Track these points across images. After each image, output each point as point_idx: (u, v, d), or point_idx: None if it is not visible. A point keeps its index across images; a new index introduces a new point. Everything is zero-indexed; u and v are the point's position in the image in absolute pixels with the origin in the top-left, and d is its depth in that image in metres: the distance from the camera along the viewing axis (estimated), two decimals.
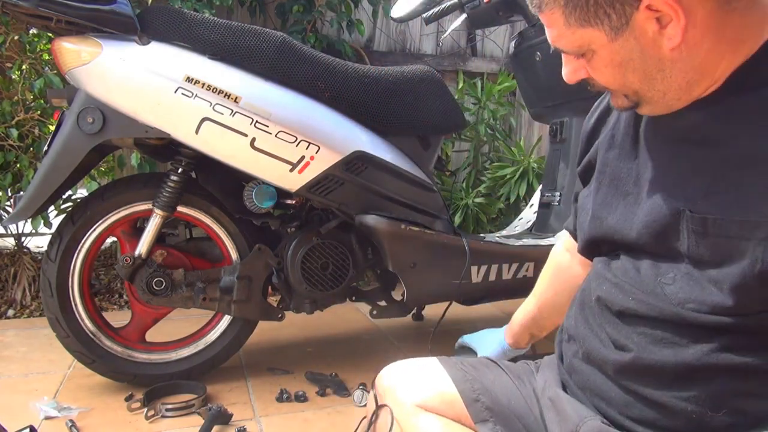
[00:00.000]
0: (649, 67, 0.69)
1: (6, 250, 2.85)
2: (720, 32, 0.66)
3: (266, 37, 1.66)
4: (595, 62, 0.73)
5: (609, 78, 0.73)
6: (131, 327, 1.87)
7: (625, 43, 0.68)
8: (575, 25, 0.69)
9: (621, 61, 0.70)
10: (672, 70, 0.69)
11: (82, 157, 1.60)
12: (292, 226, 1.90)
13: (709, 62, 0.68)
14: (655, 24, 0.66)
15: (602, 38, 0.69)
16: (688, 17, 0.65)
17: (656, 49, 0.67)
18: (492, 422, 0.86)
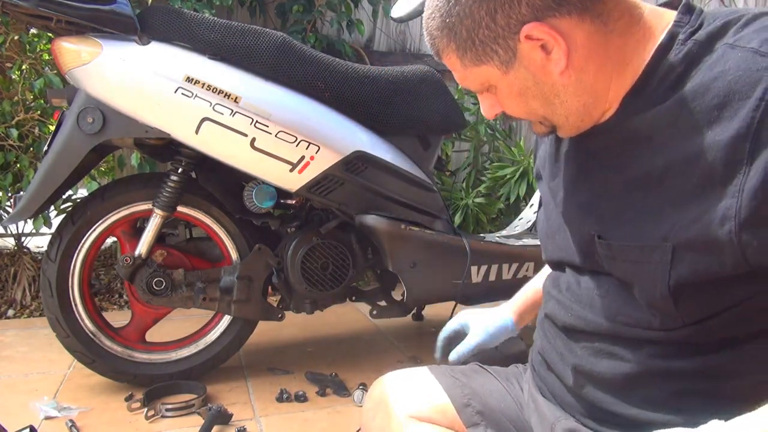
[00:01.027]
0: (546, 92, 0.72)
1: (6, 250, 2.85)
2: (603, 54, 0.69)
3: (266, 37, 1.66)
4: (500, 95, 0.76)
5: (516, 108, 0.77)
6: (131, 327, 1.87)
7: (518, 73, 0.71)
8: (470, 65, 0.73)
9: (519, 91, 0.73)
10: (566, 95, 0.72)
11: (82, 157, 1.60)
12: (292, 226, 1.90)
13: (599, 84, 0.71)
14: (541, 51, 0.69)
15: (497, 73, 0.72)
16: (568, 41, 0.67)
17: (547, 75, 0.71)
18: (483, 426, 0.87)
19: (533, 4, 0.66)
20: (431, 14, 0.73)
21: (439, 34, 0.73)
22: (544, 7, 0.66)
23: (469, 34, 0.70)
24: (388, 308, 2.02)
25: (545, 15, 0.66)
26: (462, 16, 0.69)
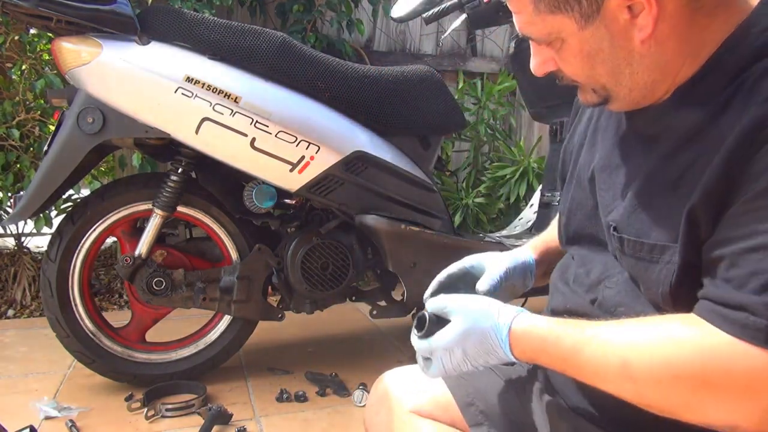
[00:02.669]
0: (618, 59, 0.67)
1: (6, 250, 2.85)
2: (686, 31, 0.65)
3: (266, 37, 1.66)
4: (564, 52, 0.70)
5: (578, 70, 0.71)
6: (131, 327, 1.87)
7: (596, 31, 0.66)
8: (545, 11, 0.67)
9: (590, 52, 0.68)
10: (639, 66, 0.67)
11: (82, 157, 1.60)
12: (292, 226, 1.90)
13: (673, 63, 0.67)
14: (627, 13, 0.64)
15: (572, 26, 0.67)
16: (660, 6, 0.63)
17: (626, 41, 0.66)
18: (486, 426, 0.86)
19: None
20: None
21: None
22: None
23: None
24: (388, 308, 2.02)
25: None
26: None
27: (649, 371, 0.61)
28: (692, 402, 0.59)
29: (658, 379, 0.60)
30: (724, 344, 0.57)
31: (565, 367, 0.69)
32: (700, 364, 0.58)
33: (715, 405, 0.57)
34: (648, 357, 0.61)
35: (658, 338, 0.62)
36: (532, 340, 0.71)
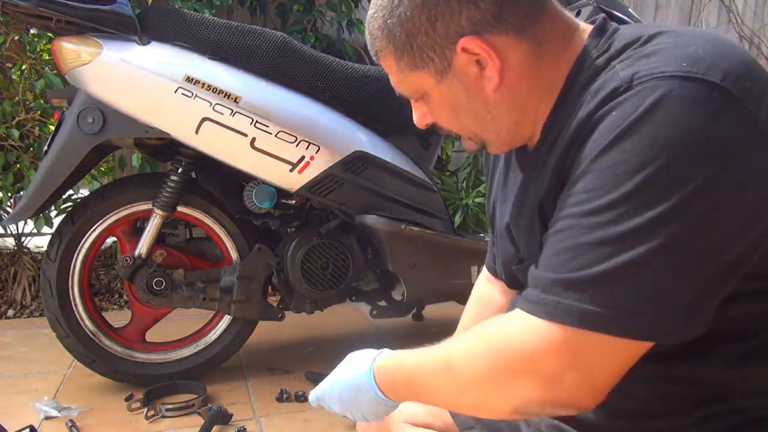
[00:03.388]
0: (478, 107, 0.72)
1: (6, 250, 2.85)
2: (535, 75, 0.69)
3: (266, 37, 1.66)
4: (432, 105, 0.76)
5: (447, 120, 0.77)
6: (131, 327, 1.87)
7: (452, 84, 0.71)
8: (406, 69, 0.73)
9: (451, 103, 0.73)
10: (498, 111, 0.72)
11: (82, 157, 1.60)
12: (292, 226, 1.90)
13: (529, 103, 0.71)
14: (476, 66, 0.69)
15: (431, 81, 0.72)
16: (502, 59, 0.67)
17: (480, 91, 0.70)
18: (478, 428, 0.87)
19: (473, 18, 0.66)
20: (374, 14, 0.73)
21: (379, 35, 0.72)
22: (482, 22, 0.66)
23: (408, 38, 0.69)
24: (388, 308, 2.01)
25: (483, 30, 0.67)
26: (403, 19, 0.69)
27: (463, 363, 0.64)
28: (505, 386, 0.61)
29: (472, 369, 0.64)
30: (517, 321, 0.60)
31: (416, 391, 0.73)
32: (504, 342, 0.61)
33: (530, 386, 0.59)
34: (463, 351, 0.65)
35: (476, 333, 0.65)
36: (390, 372, 0.76)
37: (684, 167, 0.54)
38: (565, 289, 0.56)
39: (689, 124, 0.54)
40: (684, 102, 0.55)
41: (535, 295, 0.59)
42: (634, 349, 0.57)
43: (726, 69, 0.57)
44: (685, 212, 0.53)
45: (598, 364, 0.57)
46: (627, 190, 0.55)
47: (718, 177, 0.54)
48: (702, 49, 0.59)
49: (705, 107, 0.55)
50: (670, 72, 0.57)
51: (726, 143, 0.55)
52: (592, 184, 0.57)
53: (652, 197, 0.54)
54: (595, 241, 0.56)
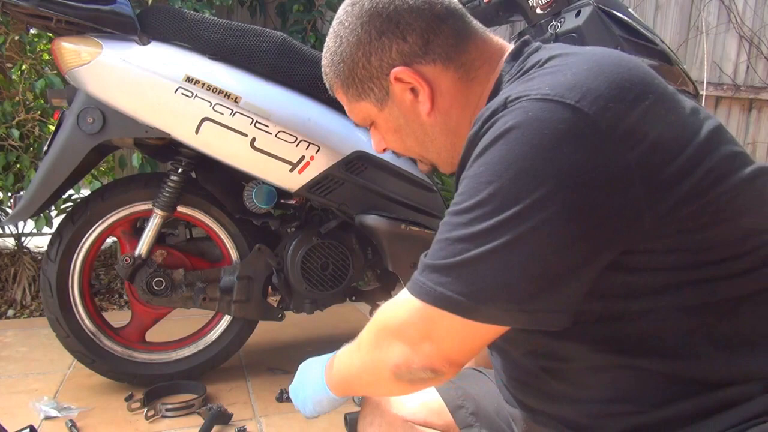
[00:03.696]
0: (417, 131, 0.81)
1: (6, 250, 2.85)
2: (464, 99, 0.77)
3: (266, 37, 1.66)
4: (380, 131, 0.85)
5: (395, 144, 0.86)
6: (131, 327, 1.87)
7: (392, 111, 0.81)
8: (353, 100, 0.83)
9: (395, 128, 0.83)
10: (434, 133, 0.80)
11: (82, 157, 1.60)
12: (292, 226, 1.90)
13: (461, 125, 0.78)
14: (410, 94, 0.78)
15: (374, 109, 0.82)
16: (433, 86, 0.77)
17: (416, 116, 0.79)
18: (477, 427, 0.89)
19: (402, 51, 0.76)
20: (324, 54, 0.83)
21: (328, 72, 0.83)
22: (411, 54, 0.76)
23: (350, 72, 0.80)
24: None
25: (413, 61, 0.76)
26: (344, 56, 0.79)
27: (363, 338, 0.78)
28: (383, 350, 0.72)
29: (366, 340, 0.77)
30: (400, 297, 0.71)
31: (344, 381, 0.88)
32: (387, 314, 0.73)
33: (396, 348, 0.70)
34: (365, 329, 0.77)
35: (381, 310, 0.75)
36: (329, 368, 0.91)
37: (526, 182, 0.60)
38: (430, 273, 0.65)
39: (535, 143, 0.60)
40: (536, 123, 0.61)
41: (414, 276, 0.68)
42: (480, 329, 0.65)
43: (586, 90, 0.61)
44: (523, 221, 0.60)
45: (448, 338, 0.67)
46: (480, 198, 0.62)
47: (557, 191, 0.59)
48: (572, 72, 0.64)
49: (554, 127, 0.60)
50: (533, 95, 0.63)
51: (568, 163, 0.59)
52: (462, 190, 0.65)
53: (498, 206, 0.61)
54: (455, 238, 0.64)
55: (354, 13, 0.78)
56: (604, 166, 0.60)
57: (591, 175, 0.60)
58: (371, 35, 0.76)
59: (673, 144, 0.63)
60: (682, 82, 1.69)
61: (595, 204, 0.60)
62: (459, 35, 0.76)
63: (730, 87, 3.88)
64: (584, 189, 0.60)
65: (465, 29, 0.77)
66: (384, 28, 0.76)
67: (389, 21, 0.76)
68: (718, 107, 3.93)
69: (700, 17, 3.76)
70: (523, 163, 0.60)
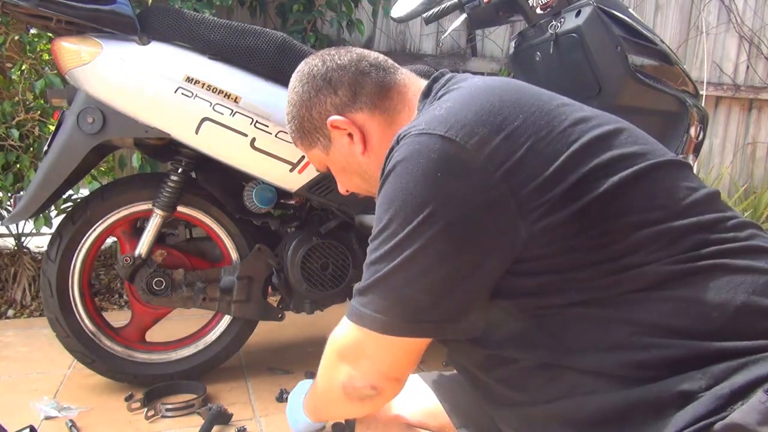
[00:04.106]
0: (358, 170, 0.93)
1: (6, 250, 2.85)
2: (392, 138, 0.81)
3: (266, 37, 1.66)
4: (333, 174, 0.99)
5: (346, 183, 0.99)
6: (131, 327, 1.87)
7: (335, 155, 0.94)
8: (307, 149, 0.98)
9: (342, 168, 0.96)
10: (371, 171, 0.90)
11: (82, 157, 1.60)
12: (292, 226, 1.90)
13: None
14: (347, 137, 0.91)
15: (322, 154, 0.96)
16: (363, 130, 0.89)
17: (353, 156, 0.92)
18: (473, 428, 0.92)
19: (335, 103, 0.90)
20: (286, 115, 0.98)
21: (289, 129, 0.99)
22: (342, 105, 0.90)
23: (300, 126, 0.95)
24: None
25: (345, 110, 0.90)
26: (294, 115, 0.96)
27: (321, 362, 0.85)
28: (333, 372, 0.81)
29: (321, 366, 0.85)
30: (341, 324, 0.80)
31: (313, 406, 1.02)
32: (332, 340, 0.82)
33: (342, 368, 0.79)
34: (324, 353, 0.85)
35: None
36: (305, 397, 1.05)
37: (412, 206, 0.69)
38: (357, 296, 0.76)
39: (416, 172, 0.69)
40: (414, 155, 0.70)
41: (351, 301, 0.78)
42: (405, 344, 0.73)
43: (454, 121, 0.71)
44: (413, 241, 0.69)
45: (378, 355, 0.75)
46: (382, 225, 0.72)
47: (437, 210, 0.68)
48: (447, 106, 0.74)
49: (428, 155, 0.69)
50: (413, 132, 0.72)
51: (443, 183, 0.68)
52: (374, 218, 0.74)
53: (394, 229, 0.70)
54: (370, 262, 0.74)
55: (297, 79, 0.95)
56: (474, 185, 0.68)
57: (463, 193, 0.68)
58: (310, 94, 0.92)
59: (541, 158, 0.69)
60: (682, 82, 1.69)
61: (470, 219, 0.68)
62: (381, 86, 0.90)
63: (730, 87, 3.88)
64: (460, 207, 0.68)
65: (387, 80, 0.90)
66: (319, 86, 0.91)
67: (323, 80, 0.91)
68: (718, 107, 3.93)
69: (700, 17, 3.76)
70: (408, 190, 0.69)
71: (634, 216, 0.68)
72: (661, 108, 1.64)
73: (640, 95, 1.60)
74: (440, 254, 0.69)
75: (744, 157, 4.07)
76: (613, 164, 0.70)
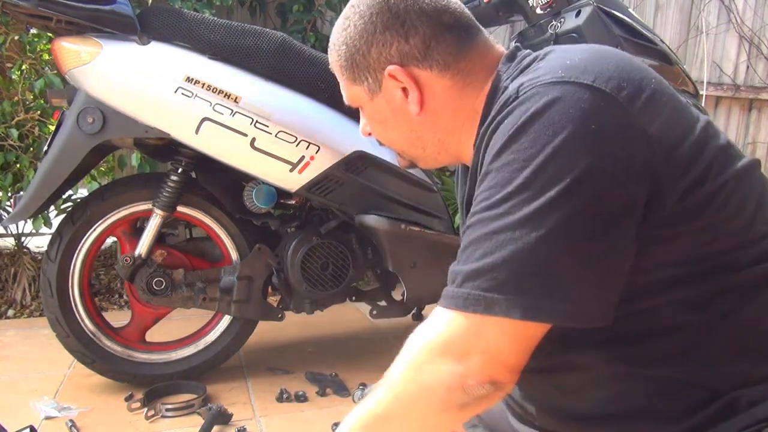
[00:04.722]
0: (403, 128, 0.82)
1: (6, 250, 2.85)
2: (458, 103, 0.78)
3: (266, 37, 1.66)
4: (366, 117, 0.86)
5: (379, 134, 0.87)
6: (131, 327, 1.87)
7: (381, 103, 0.81)
8: (348, 81, 0.83)
9: (381, 120, 0.84)
10: (422, 131, 0.81)
11: (82, 157, 1.60)
12: (292, 226, 1.90)
13: (454, 125, 0.80)
14: (401, 93, 0.79)
15: (365, 96, 0.82)
16: (425, 91, 0.78)
17: (405, 113, 0.80)
18: (481, 428, 0.90)
19: (401, 51, 0.77)
20: (334, 30, 0.83)
21: (332, 48, 0.83)
22: (410, 56, 0.77)
23: (349, 56, 0.80)
24: (388, 308, 2.01)
25: (410, 63, 0.77)
26: (347, 39, 0.80)
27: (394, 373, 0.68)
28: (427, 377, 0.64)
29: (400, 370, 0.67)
30: (435, 318, 0.66)
31: None
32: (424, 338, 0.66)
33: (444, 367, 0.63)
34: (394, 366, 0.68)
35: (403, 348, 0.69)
36: None
37: (563, 161, 0.60)
38: (473, 280, 0.62)
39: (564, 122, 0.60)
40: (558, 104, 0.61)
41: (450, 290, 0.65)
42: (534, 329, 0.62)
43: (598, 72, 0.63)
44: (567, 201, 0.59)
45: (499, 343, 0.62)
46: (518, 184, 0.61)
47: (594, 167, 0.59)
48: (579, 57, 0.66)
49: (578, 105, 0.61)
50: (547, 80, 0.64)
51: (599, 136, 0.60)
52: (491, 183, 0.64)
53: (539, 189, 0.60)
54: (494, 230, 0.62)
55: (366, 2, 0.78)
56: (632, 141, 0.61)
57: (621, 149, 0.60)
58: (376, 27, 0.77)
59: (683, 123, 0.65)
60: (682, 82, 1.69)
61: (628, 178, 0.60)
62: (461, 44, 0.77)
63: (730, 87, 3.88)
64: (618, 164, 0.60)
65: (469, 38, 0.78)
66: (389, 24, 0.76)
67: (396, 18, 0.76)
68: (718, 107, 3.93)
69: (700, 17, 3.75)
70: (557, 143, 0.60)
71: (750, 207, 0.66)
72: None
73: None
74: (598, 219, 0.60)
75: None
76: (727, 151, 0.67)
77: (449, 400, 0.64)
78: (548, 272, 0.60)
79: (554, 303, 0.60)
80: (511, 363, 0.64)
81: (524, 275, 0.60)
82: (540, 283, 0.60)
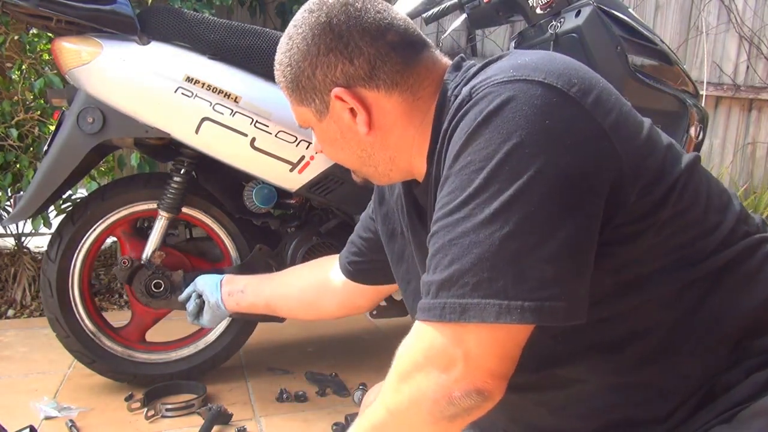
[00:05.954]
0: (353, 147, 0.81)
1: (6, 250, 2.85)
2: (408, 118, 0.77)
3: (266, 37, 1.66)
4: (317, 138, 0.85)
5: (330, 153, 0.86)
6: (131, 327, 1.87)
7: (329, 125, 0.80)
8: (295, 103, 0.82)
9: (330, 140, 0.83)
10: (372, 150, 0.80)
11: (82, 157, 1.60)
12: (292, 226, 1.90)
13: (404, 140, 0.79)
14: (349, 114, 0.77)
15: (313, 118, 0.82)
16: (372, 111, 0.77)
17: (353, 134, 0.79)
18: (478, 429, 0.88)
19: (347, 72, 0.75)
20: (279, 47, 0.84)
21: (277, 68, 0.84)
22: (355, 77, 0.75)
23: (295, 78, 0.80)
24: (388, 308, 2.01)
25: (356, 84, 0.76)
26: (292, 61, 0.80)
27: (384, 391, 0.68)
28: (413, 390, 0.64)
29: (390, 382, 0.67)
30: (414, 332, 0.65)
31: None
32: (406, 353, 0.66)
33: (429, 379, 0.62)
34: (384, 384, 0.68)
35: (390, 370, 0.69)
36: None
37: (519, 158, 0.60)
38: (447, 289, 0.61)
39: (518, 120, 0.60)
40: (512, 102, 0.61)
41: (426, 302, 0.64)
42: (512, 332, 0.61)
43: (547, 70, 0.64)
44: (526, 198, 0.59)
45: (482, 350, 0.61)
46: (477, 185, 0.61)
47: (550, 162, 0.59)
48: (528, 58, 0.67)
49: (531, 102, 0.61)
50: (499, 79, 0.64)
51: (555, 131, 0.60)
52: (451, 187, 0.63)
53: (497, 188, 0.60)
54: (459, 235, 0.61)
55: (309, 22, 0.78)
56: (586, 130, 0.62)
57: (576, 142, 0.61)
58: (320, 49, 0.76)
59: (633, 122, 0.66)
60: (682, 82, 1.69)
61: (586, 170, 0.61)
62: (407, 61, 0.76)
63: (730, 87, 3.88)
64: (575, 156, 0.60)
65: (415, 54, 0.77)
66: (333, 46, 0.75)
67: (339, 39, 0.75)
68: (718, 107, 3.93)
69: (700, 17, 3.76)
70: (512, 142, 0.60)
71: (704, 198, 0.68)
72: (661, 108, 1.64)
73: (640, 95, 1.60)
74: (560, 211, 0.59)
75: (744, 157, 4.07)
76: (675, 149, 0.69)
77: (437, 412, 0.62)
78: (515, 271, 0.59)
79: (524, 303, 0.59)
80: (493, 369, 0.62)
81: (493, 278, 0.59)
82: (509, 284, 0.59)
